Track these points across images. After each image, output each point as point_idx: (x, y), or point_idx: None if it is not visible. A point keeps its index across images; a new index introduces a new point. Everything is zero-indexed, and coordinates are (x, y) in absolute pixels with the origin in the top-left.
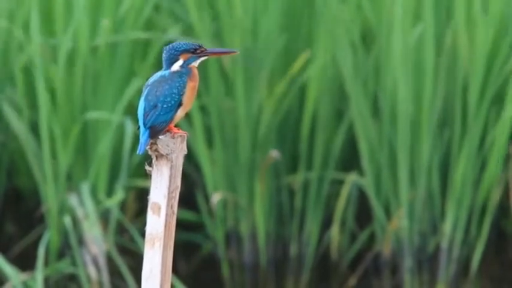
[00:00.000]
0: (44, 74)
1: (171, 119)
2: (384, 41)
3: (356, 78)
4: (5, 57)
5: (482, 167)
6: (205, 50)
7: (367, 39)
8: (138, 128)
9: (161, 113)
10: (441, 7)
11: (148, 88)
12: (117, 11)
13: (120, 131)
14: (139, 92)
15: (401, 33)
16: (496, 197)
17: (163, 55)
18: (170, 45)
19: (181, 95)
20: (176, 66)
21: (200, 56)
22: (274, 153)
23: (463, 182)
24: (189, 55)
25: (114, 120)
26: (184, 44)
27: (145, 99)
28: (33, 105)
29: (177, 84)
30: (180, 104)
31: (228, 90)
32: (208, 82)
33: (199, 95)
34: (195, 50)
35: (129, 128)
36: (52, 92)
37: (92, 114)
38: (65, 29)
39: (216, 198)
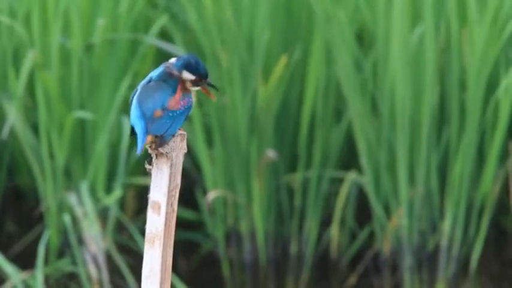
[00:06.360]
0: (39, 74)
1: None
2: (382, 41)
3: (353, 80)
4: (4, 55)
5: (481, 164)
6: (205, 81)
7: (365, 39)
8: (131, 133)
9: (167, 121)
10: (440, 6)
11: (140, 91)
12: (115, 10)
13: (118, 128)
14: (133, 90)
15: (400, 34)
16: (494, 194)
17: (176, 61)
18: (183, 58)
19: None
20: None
21: (197, 86)
22: (271, 153)
23: (460, 180)
24: (191, 82)
25: (108, 119)
26: (200, 68)
27: (139, 103)
28: (32, 103)
29: (171, 91)
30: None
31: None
32: None
33: (198, 94)
34: (196, 80)
35: (127, 126)
36: (49, 90)
37: (81, 114)
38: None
39: (211, 196)
